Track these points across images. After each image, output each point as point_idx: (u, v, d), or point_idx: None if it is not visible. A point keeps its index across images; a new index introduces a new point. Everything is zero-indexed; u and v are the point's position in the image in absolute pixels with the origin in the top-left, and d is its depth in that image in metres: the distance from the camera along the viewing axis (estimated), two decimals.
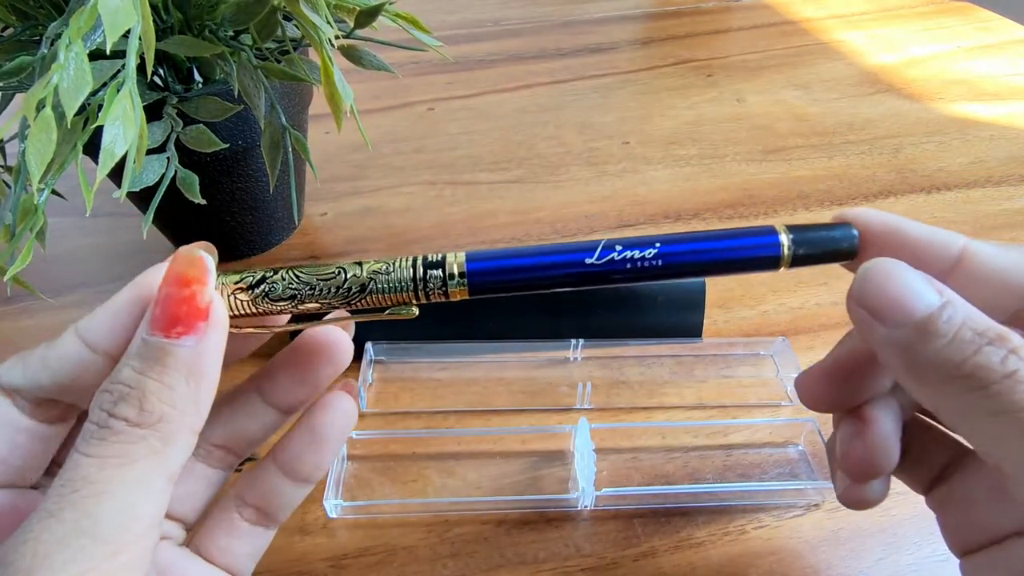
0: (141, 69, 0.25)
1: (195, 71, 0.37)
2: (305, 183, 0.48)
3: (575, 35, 0.75)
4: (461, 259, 0.20)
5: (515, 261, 0.21)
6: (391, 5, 0.33)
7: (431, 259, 0.20)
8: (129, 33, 0.23)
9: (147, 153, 0.32)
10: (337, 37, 0.31)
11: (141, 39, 0.24)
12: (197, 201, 0.33)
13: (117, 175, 0.28)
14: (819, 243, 0.21)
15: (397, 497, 0.31)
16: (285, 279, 0.20)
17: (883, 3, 0.81)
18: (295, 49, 0.36)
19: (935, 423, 0.24)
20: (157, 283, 0.18)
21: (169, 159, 0.33)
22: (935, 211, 0.48)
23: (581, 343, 0.37)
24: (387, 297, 0.20)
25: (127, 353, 0.18)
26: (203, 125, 0.34)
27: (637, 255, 0.20)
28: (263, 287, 0.20)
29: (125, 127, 0.24)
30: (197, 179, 0.34)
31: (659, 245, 0.20)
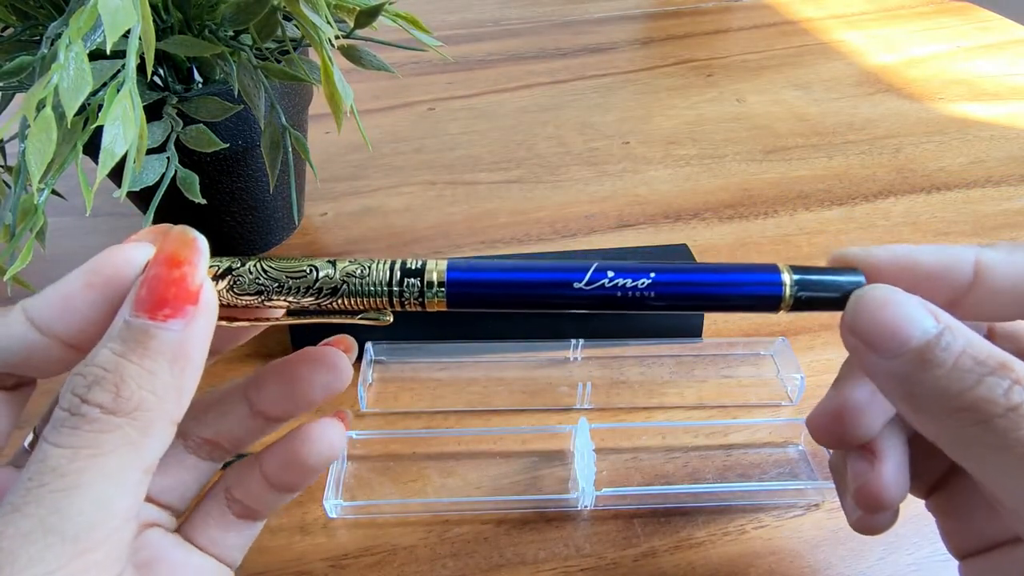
0: (141, 69, 0.25)
1: (195, 71, 0.37)
2: (305, 183, 0.49)
3: (575, 35, 0.75)
4: (442, 267, 0.19)
5: (499, 275, 0.19)
6: (391, 5, 0.33)
7: (410, 265, 0.19)
8: (129, 33, 0.23)
9: (147, 153, 0.32)
10: (337, 37, 0.31)
11: (141, 39, 0.24)
12: (197, 201, 0.33)
13: (117, 175, 0.28)
14: (824, 287, 0.20)
15: (397, 497, 0.31)
16: (252, 273, 0.19)
17: (883, 3, 0.81)
18: (295, 49, 0.36)
19: None
20: (115, 267, 0.17)
21: (169, 159, 0.33)
22: (935, 211, 0.48)
23: (581, 343, 0.37)
24: (360, 301, 0.19)
25: (107, 335, 0.17)
26: (203, 125, 0.34)
27: (629, 283, 0.19)
28: (228, 279, 0.19)
29: (125, 127, 0.24)
30: (197, 179, 0.34)
31: (654, 274, 0.19)
